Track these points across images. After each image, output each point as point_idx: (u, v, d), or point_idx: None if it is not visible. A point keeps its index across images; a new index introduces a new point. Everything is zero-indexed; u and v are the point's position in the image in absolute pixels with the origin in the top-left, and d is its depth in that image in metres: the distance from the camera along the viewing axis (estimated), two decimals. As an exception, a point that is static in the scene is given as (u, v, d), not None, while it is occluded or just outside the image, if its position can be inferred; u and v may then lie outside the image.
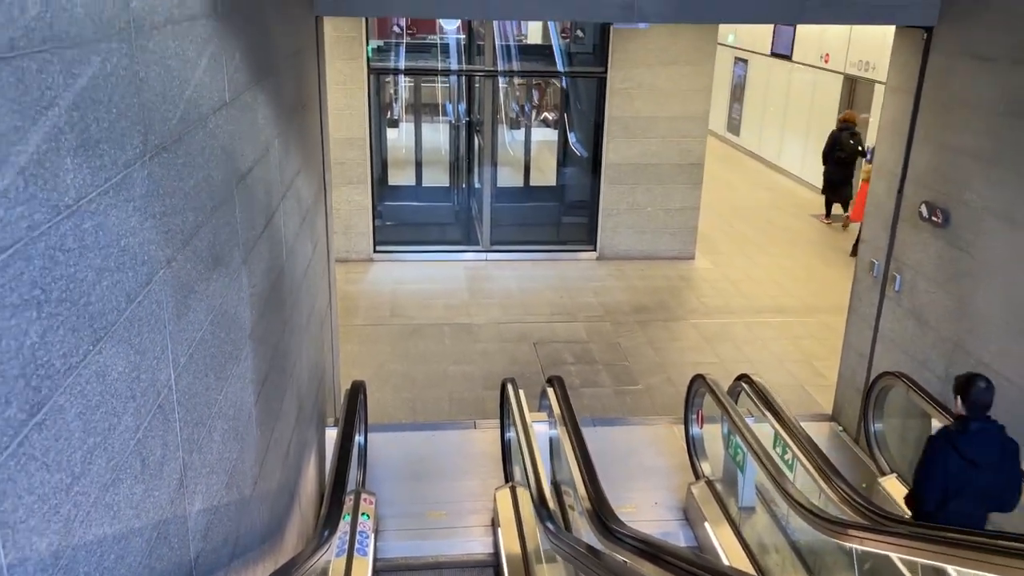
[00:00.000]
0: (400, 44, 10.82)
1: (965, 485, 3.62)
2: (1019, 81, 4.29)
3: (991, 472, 3.64)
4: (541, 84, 13.23)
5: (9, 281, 1.21)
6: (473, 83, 10.29)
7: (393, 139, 12.80)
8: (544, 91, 13.58)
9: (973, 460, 3.61)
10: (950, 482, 3.63)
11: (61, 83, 1.39)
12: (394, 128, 13.29)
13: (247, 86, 2.86)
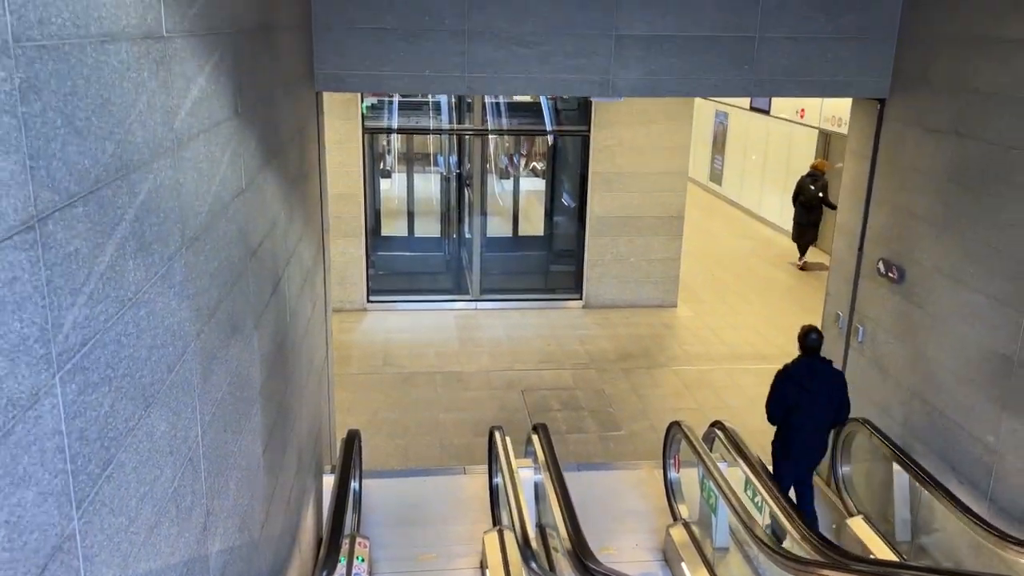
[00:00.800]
0: (393, 102, 11.29)
1: (800, 404, 5.14)
2: (961, 152, 4.71)
3: (823, 396, 5.12)
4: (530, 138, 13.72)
5: (92, 364, 1.54)
6: (464, 138, 10.75)
7: (386, 189, 13.22)
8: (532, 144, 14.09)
9: (804, 387, 5.12)
10: (789, 401, 5.17)
11: (127, 202, 1.74)
12: (387, 179, 13.74)
13: (259, 169, 3.22)
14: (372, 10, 4.96)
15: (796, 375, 5.20)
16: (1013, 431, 4.32)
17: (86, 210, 1.52)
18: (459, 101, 10.64)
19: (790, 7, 5.17)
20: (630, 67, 5.23)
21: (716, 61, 5.24)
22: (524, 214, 12.19)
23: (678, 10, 5.12)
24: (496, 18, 5.06)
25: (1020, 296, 4.25)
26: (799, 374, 5.19)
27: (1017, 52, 4.26)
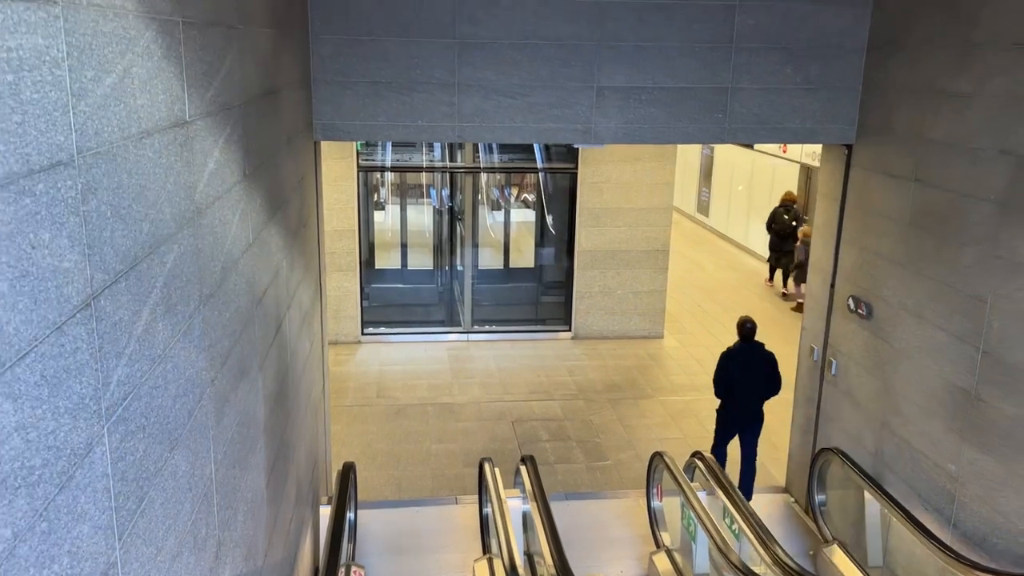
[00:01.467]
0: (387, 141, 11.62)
1: (740, 381, 6.30)
2: (921, 198, 5.02)
3: (758, 373, 6.30)
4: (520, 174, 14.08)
5: (131, 415, 1.80)
6: (456, 174, 11.07)
7: (379, 221, 13.53)
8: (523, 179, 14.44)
9: (743, 366, 6.30)
10: (730, 378, 6.32)
11: (158, 271, 2.00)
12: (380, 211, 14.06)
13: (265, 224, 3.49)
14: (367, 65, 5.28)
15: (736, 357, 6.39)
16: (972, 461, 4.58)
17: (127, 284, 1.78)
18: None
19: (760, 60, 5.51)
20: (610, 116, 5.55)
21: (691, 110, 5.57)
22: (515, 246, 12.50)
23: (654, 64, 5.46)
24: (483, 72, 5.37)
25: (976, 333, 4.53)
26: (738, 356, 6.38)
27: (968, 106, 4.59)
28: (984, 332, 4.47)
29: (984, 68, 4.46)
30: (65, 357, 1.46)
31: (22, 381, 1.29)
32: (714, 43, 5.46)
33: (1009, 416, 4.30)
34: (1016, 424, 4.25)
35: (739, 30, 5.46)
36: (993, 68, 4.39)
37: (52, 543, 1.40)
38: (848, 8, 5.47)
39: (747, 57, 5.50)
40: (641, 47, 5.43)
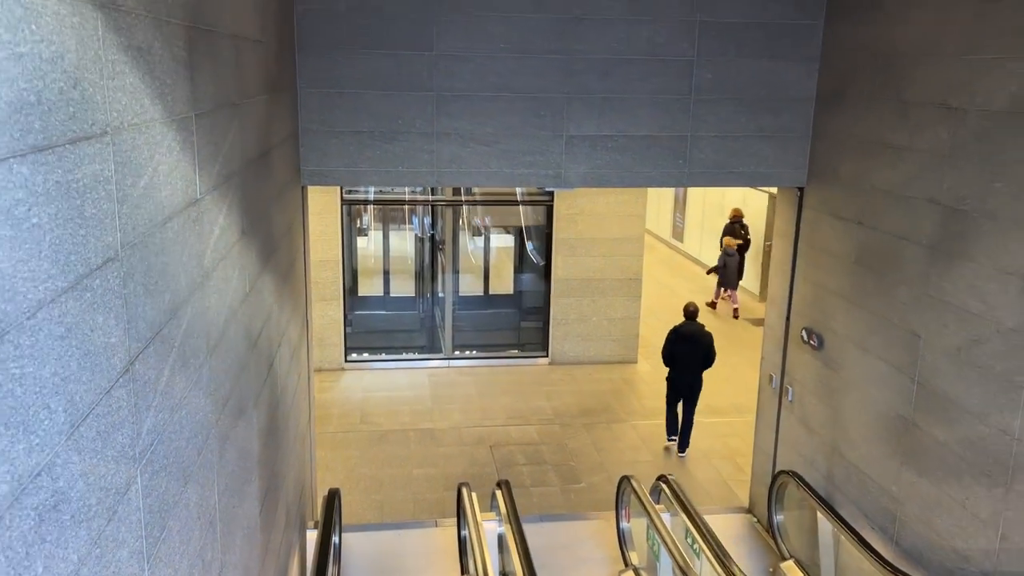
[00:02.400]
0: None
1: (681, 354, 8.23)
2: (863, 239, 5.45)
3: (698, 348, 8.17)
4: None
5: (156, 456, 2.14)
6: (437, 206, 11.46)
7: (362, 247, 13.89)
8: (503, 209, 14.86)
9: (686, 342, 8.20)
10: (674, 351, 8.25)
11: (176, 333, 2.36)
12: (363, 236, 14.42)
13: (259, 274, 3.85)
14: (352, 116, 5.66)
15: (681, 333, 8.27)
16: (911, 483, 4.98)
17: (154, 348, 2.14)
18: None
19: (717, 110, 5.94)
20: (579, 162, 5.96)
21: (654, 157, 5.99)
22: (495, 273, 12.89)
23: (620, 114, 5.88)
24: (460, 122, 5.77)
25: (912, 364, 4.95)
26: (683, 333, 8.26)
27: (902, 157, 5.03)
28: (918, 364, 4.89)
29: (915, 124, 4.91)
30: (112, 415, 1.81)
31: (84, 437, 1.64)
32: (675, 95, 5.89)
33: (940, 441, 4.71)
34: (946, 449, 4.66)
35: (697, 83, 5.89)
36: (922, 124, 4.84)
37: (103, 565, 1.74)
38: (798, 63, 5.93)
39: (705, 108, 5.94)
40: (607, 99, 5.85)
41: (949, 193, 4.60)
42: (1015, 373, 4.14)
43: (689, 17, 5.78)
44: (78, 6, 1.62)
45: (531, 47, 5.71)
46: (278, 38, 4.66)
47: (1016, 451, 4.14)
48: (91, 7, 1.69)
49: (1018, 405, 4.12)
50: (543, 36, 5.70)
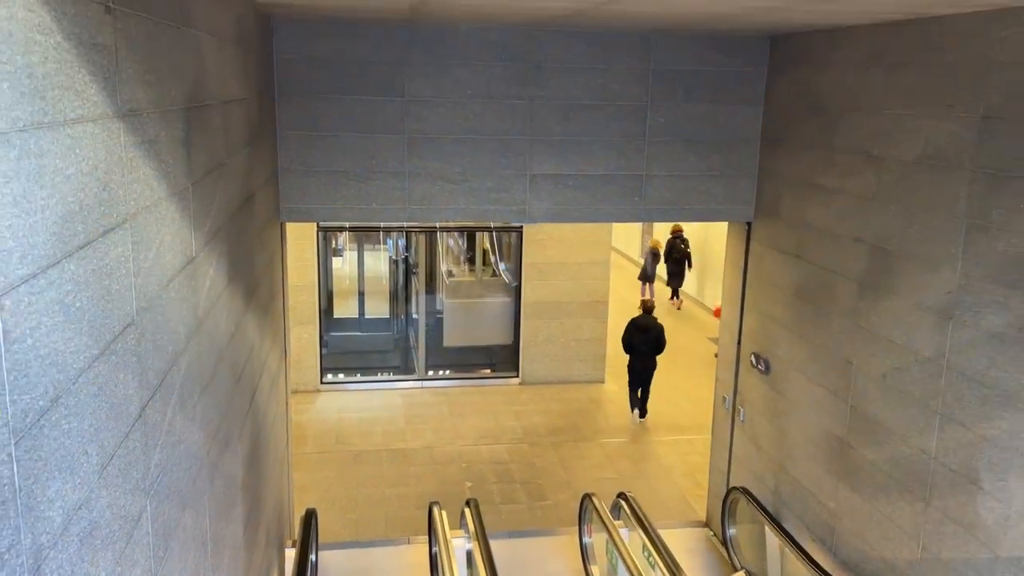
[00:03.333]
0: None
1: (637, 342, 9.81)
2: (802, 272, 5.91)
3: (651, 337, 9.76)
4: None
5: (162, 487, 2.49)
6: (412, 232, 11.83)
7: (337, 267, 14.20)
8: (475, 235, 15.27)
9: (640, 331, 9.79)
10: (632, 340, 9.83)
11: (177, 378, 2.71)
12: (338, 257, 14.74)
13: (243, 313, 4.19)
14: (328, 157, 6.02)
15: (638, 325, 9.91)
16: (846, 499, 5.41)
17: (160, 393, 2.49)
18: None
19: (669, 151, 6.39)
20: (542, 199, 6.37)
21: (612, 194, 6.42)
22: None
23: (579, 155, 6.30)
24: (430, 162, 6.16)
25: (846, 389, 5.39)
26: (639, 324, 9.91)
27: (834, 198, 5.50)
28: (851, 389, 5.34)
29: (843, 169, 5.38)
30: (129, 454, 2.16)
31: (110, 475, 2.00)
32: (630, 137, 6.33)
33: (870, 460, 5.15)
34: (875, 467, 5.10)
35: (651, 126, 6.34)
36: (849, 170, 5.31)
37: (123, 581, 2.09)
38: (743, 107, 6.40)
39: (658, 148, 6.38)
40: (567, 140, 6.28)
41: (874, 233, 5.07)
42: (931, 398, 4.59)
43: (642, 65, 6.23)
44: (107, 123, 1.99)
45: (496, 93, 6.12)
46: (259, 89, 5.02)
47: (933, 469, 4.58)
48: (116, 119, 2.06)
49: (934, 428, 4.57)
50: (507, 83, 6.11)
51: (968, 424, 4.28)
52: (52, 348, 1.63)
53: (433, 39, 5.98)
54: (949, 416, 4.43)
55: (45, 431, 1.59)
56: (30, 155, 1.54)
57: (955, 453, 4.39)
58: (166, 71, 2.60)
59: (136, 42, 2.24)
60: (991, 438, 4.13)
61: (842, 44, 5.40)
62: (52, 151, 1.64)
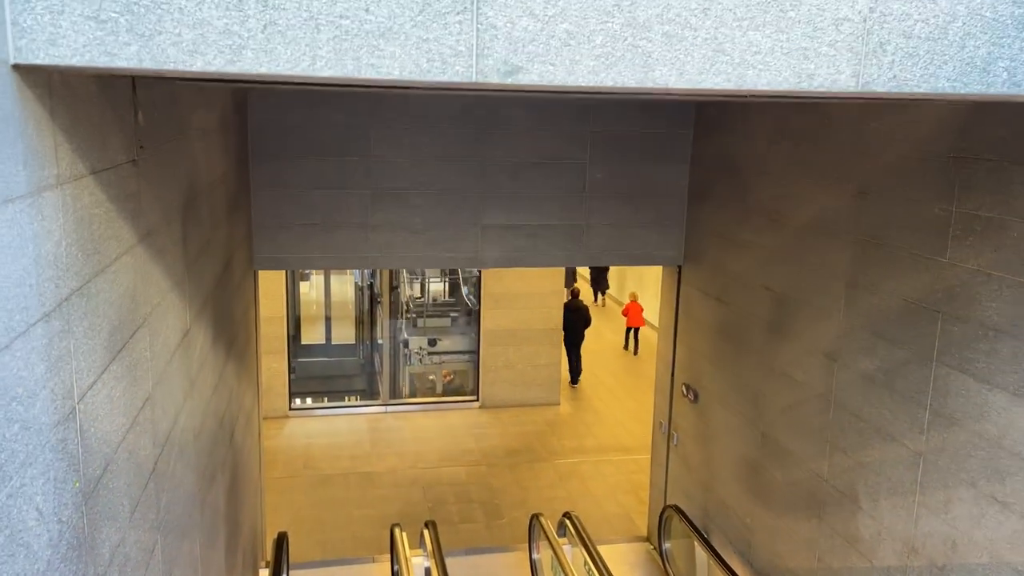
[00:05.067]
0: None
1: (571, 322, 12.71)
2: (723, 313, 6.65)
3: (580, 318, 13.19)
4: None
5: (169, 522, 3.10)
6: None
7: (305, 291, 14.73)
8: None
9: (572, 311, 12.89)
10: (566, 322, 12.42)
11: (178, 436, 3.32)
12: (305, 281, 15.28)
13: (224, 364, 4.80)
14: (299, 210, 6.65)
15: (569, 307, 12.67)
16: (759, 515, 6.14)
17: (166, 450, 3.10)
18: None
19: (606, 203, 7.11)
20: (493, 246, 7.05)
21: (556, 241, 7.12)
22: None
23: (526, 207, 7.00)
24: (392, 215, 6.81)
25: (758, 418, 6.13)
26: (570, 307, 12.81)
27: (746, 250, 6.25)
28: (762, 419, 6.07)
29: (754, 226, 6.14)
30: (147, 501, 2.77)
31: (136, 519, 2.61)
32: (571, 191, 7.05)
33: (779, 481, 5.88)
34: (783, 487, 5.83)
35: (590, 181, 7.06)
36: (758, 227, 6.07)
37: (144, 600, 2.71)
38: (672, 165, 7.15)
39: (597, 201, 7.10)
40: (516, 194, 6.97)
41: (778, 284, 5.82)
42: (822, 429, 5.33)
43: (582, 128, 6.95)
44: (134, 251, 2.62)
45: (451, 153, 6.80)
46: (236, 158, 5.64)
47: (825, 491, 5.32)
48: (139, 245, 2.69)
49: (825, 454, 5.31)
50: (461, 144, 6.79)
51: (849, 452, 5.03)
52: (103, 430, 2.26)
53: (395, 106, 6.64)
54: (836, 445, 5.17)
55: (100, 492, 2.22)
56: (90, 296, 2.17)
57: (840, 477, 5.14)
58: (170, 184, 3.23)
59: (152, 176, 2.88)
60: (866, 464, 4.88)
61: (752, 115, 6.18)
62: (104, 289, 2.28)
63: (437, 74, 1.79)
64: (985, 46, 1.98)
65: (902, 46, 1.94)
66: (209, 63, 1.69)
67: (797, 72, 1.92)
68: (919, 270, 4.37)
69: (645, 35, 1.84)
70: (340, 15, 1.72)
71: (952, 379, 4.16)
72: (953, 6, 1.94)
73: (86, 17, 1.62)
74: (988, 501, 3.95)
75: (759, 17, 1.87)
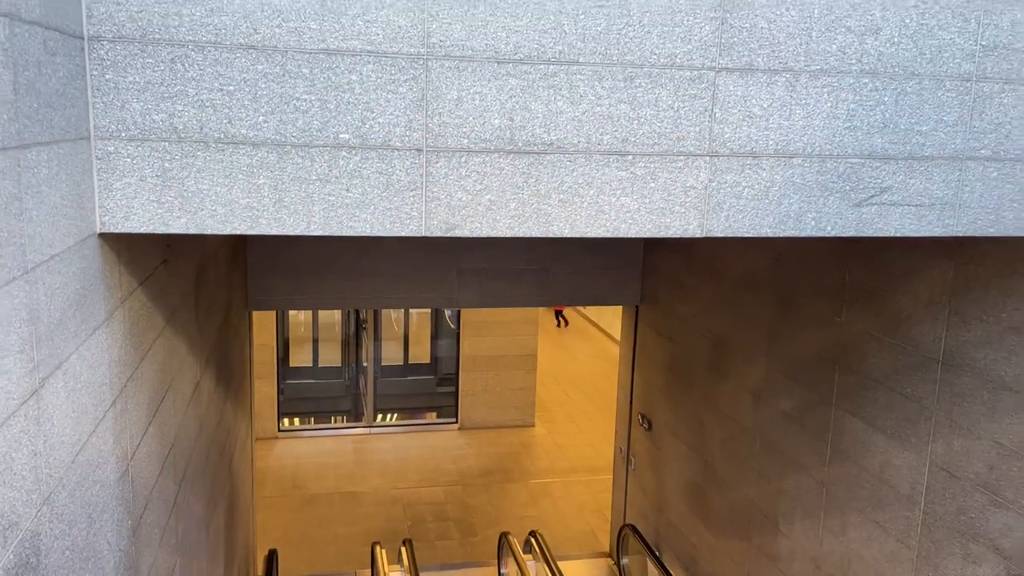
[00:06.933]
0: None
1: None
2: (673, 351, 7.39)
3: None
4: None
5: (185, 546, 3.79)
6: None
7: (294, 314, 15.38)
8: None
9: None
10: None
11: (191, 475, 4.02)
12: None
13: (224, 401, 5.49)
14: (291, 258, 7.35)
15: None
16: (702, 535, 6.86)
17: (183, 486, 3.80)
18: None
19: (569, 252, 7.86)
20: (468, 288, 7.77)
21: (524, 284, 7.85)
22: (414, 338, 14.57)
23: (498, 254, 7.73)
24: (377, 261, 7.52)
25: (703, 447, 6.86)
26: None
27: (692, 296, 7.00)
28: (705, 448, 6.81)
29: (698, 276, 6.89)
30: (170, 528, 3.47)
31: (163, 543, 3.31)
32: (538, 239, 7.78)
33: (717, 505, 6.61)
34: (721, 510, 6.56)
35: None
36: (701, 278, 6.83)
37: (168, 609, 3.40)
38: (629, 215, 7.90)
39: (561, 248, 7.84)
40: (489, 241, 7.70)
41: (716, 329, 6.57)
42: (751, 459, 6.07)
43: (547, 183, 7.69)
44: (165, 331, 3.33)
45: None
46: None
47: (753, 513, 6.05)
48: (166, 324, 3.40)
49: (753, 481, 6.04)
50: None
51: (771, 480, 5.77)
52: (145, 478, 2.96)
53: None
54: (761, 473, 5.91)
55: (142, 526, 2.92)
56: (137, 379, 2.87)
57: (765, 501, 5.87)
58: (187, 265, 3.93)
59: (175, 267, 3.59)
60: (784, 491, 5.61)
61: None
62: (146, 370, 2.98)
63: (398, 231, 2.52)
64: (797, 203, 2.73)
65: (734, 205, 2.69)
66: (235, 228, 2.41)
67: (657, 225, 2.66)
68: (822, 327, 5.13)
69: (546, 202, 2.58)
70: (328, 193, 2.44)
71: (846, 421, 4.91)
72: (772, 175, 2.69)
73: (151, 201, 2.33)
74: (873, 525, 4.69)
75: (628, 187, 2.61)
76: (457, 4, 2.40)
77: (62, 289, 2.02)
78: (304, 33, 2.33)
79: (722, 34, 2.57)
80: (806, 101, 2.66)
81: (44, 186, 1.89)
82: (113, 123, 2.26)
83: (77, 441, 2.17)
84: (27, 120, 1.79)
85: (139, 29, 2.23)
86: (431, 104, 2.44)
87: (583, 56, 2.49)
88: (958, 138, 2.79)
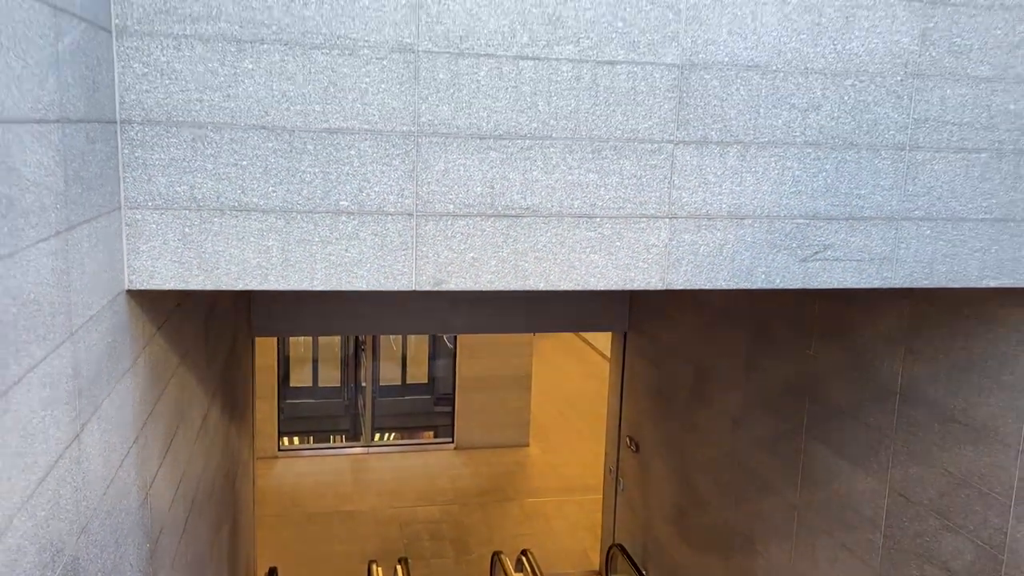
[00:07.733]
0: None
1: None
2: (658, 376, 7.69)
3: None
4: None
5: (193, 566, 4.08)
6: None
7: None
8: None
9: None
10: None
11: (200, 496, 4.31)
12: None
13: (228, 427, 5.79)
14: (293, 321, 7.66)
15: None
16: (686, 553, 7.14)
17: (193, 511, 4.09)
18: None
19: (561, 279, 8.17)
20: (461, 315, 8.08)
21: (515, 311, 8.16)
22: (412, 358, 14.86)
23: (490, 282, 8.04)
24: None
25: (685, 469, 7.15)
26: None
27: (675, 326, 7.31)
28: (688, 470, 7.10)
29: (680, 307, 7.21)
30: (183, 551, 3.76)
31: (174, 566, 3.60)
32: (530, 268, 8.10)
33: (700, 525, 6.89)
34: (703, 531, 6.84)
35: (546, 260, 8.12)
36: (683, 308, 7.14)
37: (179, 624, 3.69)
38: (618, 245, 8.23)
39: (552, 277, 8.16)
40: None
41: (697, 358, 6.88)
42: (729, 482, 6.36)
43: (538, 215, 8.02)
44: (179, 369, 3.64)
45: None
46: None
47: (732, 534, 6.33)
48: (180, 363, 3.71)
49: (732, 503, 6.33)
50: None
51: (749, 502, 6.06)
52: (160, 505, 3.26)
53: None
54: (740, 496, 6.20)
55: (158, 550, 3.21)
56: (155, 416, 3.17)
57: (743, 523, 6.16)
58: (199, 304, 4.24)
59: (188, 308, 3.90)
60: (760, 513, 5.90)
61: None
62: (162, 408, 3.29)
63: (390, 286, 2.84)
64: (748, 260, 3.05)
65: (692, 261, 3.01)
66: (247, 284, 2.72)
67: (623, 279, 2.98)
68: (794, 359, 5.44)
69: (523, 259, 2.90)
70: (329, 253, 2.76)
71: (815, 448, 5.21)
72: (725, 235, 3.01)
73: (173, 261, 2.65)
74: (839, 547, 4.98)
75: (597, 246, 2.93)
76: (443, 88, 2.73)
77: (98, 344, 2.34)
78: (309, 114, 2.65)
79: (679, 111, 2.90)
80: (755, 169, 2.99)
81: (86, 258, 2.21)
82: (141, 195, 2.58)
83: (107, 475, 2.47)
84: (74, 205, 2.11)
85: (165, 113, 2.56)
86: (421, 174, 2.77)
87: (555, 132, 2.82)
88: (894, 200, 3.11)
